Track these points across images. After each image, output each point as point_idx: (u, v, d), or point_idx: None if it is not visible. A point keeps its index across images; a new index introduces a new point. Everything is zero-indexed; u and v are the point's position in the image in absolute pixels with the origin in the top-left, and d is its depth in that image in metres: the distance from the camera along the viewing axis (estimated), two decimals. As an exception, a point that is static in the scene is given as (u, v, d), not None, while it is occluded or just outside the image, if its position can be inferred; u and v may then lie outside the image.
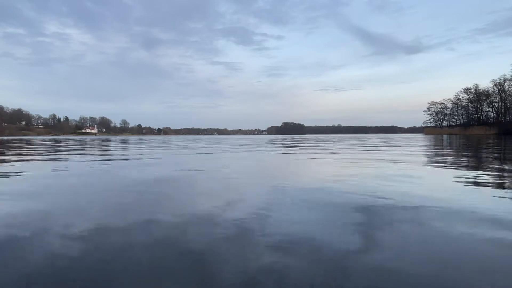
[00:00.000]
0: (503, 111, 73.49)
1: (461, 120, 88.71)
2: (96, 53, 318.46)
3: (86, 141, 30.27)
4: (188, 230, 2.06)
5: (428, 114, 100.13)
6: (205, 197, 3.13)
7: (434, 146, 14.64)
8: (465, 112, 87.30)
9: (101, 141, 29.30)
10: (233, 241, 1.85)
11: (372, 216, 2.33)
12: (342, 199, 2.94)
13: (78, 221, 2.27)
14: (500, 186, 3.68)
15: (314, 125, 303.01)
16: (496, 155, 8.71)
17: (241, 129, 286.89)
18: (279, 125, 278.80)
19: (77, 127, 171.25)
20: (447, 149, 11.92)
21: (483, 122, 76.72)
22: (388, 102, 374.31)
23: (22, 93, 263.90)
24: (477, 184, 3.76)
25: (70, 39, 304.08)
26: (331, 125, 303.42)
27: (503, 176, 4.46)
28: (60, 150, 13.47)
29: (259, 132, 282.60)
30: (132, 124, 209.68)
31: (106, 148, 15.38)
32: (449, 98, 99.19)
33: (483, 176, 4.43)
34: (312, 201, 2.84)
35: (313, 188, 3.51)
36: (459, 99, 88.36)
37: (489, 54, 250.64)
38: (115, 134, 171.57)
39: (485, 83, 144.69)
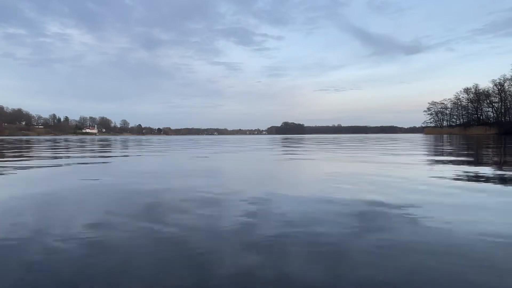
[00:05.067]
0: (503, 111, 73.36)
1: (461, 120, 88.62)
2: (96, 54, 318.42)
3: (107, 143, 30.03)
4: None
5: (428, 114, 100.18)
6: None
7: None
8: (465, 112, 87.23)
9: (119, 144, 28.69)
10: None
11: None
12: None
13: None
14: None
15: (314, 125, 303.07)
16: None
17: (241, 129, 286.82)
18: (279, 125, 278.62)
19: (77, 127, 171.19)
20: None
21: (483, 122, 76.58)
22: (388, 102, 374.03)
23: (23, 93, 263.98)
24: None
25: (71, 40, 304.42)
26: (331, 125, 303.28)
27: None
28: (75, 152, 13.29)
29: (259, 132, 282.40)
30: (132, 124, 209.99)
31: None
32: (449, 98, 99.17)
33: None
34: None
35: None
36: (459, 99, 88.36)
37: (488, 54, 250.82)
38: (115, 134, 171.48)
39: (485, 83, 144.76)
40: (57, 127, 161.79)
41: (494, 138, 29.11)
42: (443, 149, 11.87)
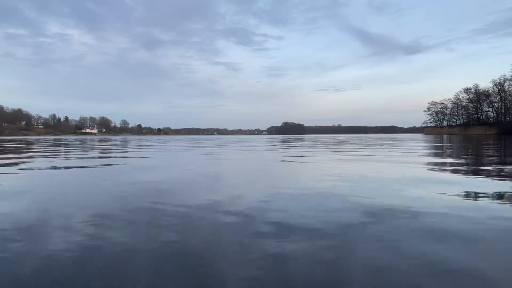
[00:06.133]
0: (503, 111, 73.43)
1: (461, 120, 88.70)
2: (97, 54, 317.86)
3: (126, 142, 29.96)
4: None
5: (428, 114, 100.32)
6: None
7: None
8: (465, 112, 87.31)
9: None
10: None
11: None
12: None
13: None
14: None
15: (314, 125, 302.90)
16: None
17: (241, 129, 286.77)
18: (279, 125, 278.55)
19: (77, 127, 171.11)
20: None
21: (483, 122, 76.64)
22: (388, 102, 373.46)
23: (23, 93, 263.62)
24: None
25: (71, 40, 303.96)
26: (331, 125, 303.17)
27: None
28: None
29: (259, 132, 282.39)
30: (132, 124, 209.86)
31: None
32: (449, 98, 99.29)
33: None
34: None
35: None
36: (459, 99, 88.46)
37: (488, 54, 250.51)
38: (115, 134, 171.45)
39: (485, 83, 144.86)
40: (57, 127, 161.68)
41: (494, 138, 29.16)
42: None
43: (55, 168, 6.23)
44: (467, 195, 3.30)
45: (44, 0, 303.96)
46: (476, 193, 3.38)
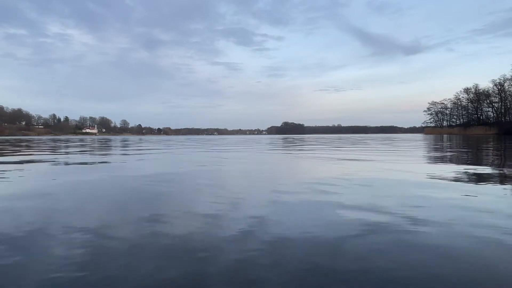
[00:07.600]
0: (503, 111, 73.44)
1: (461, 120, 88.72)
2: (97, 54, 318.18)
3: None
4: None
5: (428, 114, 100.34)
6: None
7: None
8: (465, 112, 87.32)
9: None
10: None
11: None
12: None
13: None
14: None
15: (314, 125, 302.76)
16: None
17: (241, 129, 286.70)
18: (279, 125, 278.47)
19: (77, 127, 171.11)
20: None
21: (483, 122, 76.65)
22: (388, 102, 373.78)
23: (23, 93, 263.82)
24: None
25: (71, 40, 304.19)
26: (331, 125, 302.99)
27: None
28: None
29: (259, 132, 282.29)
30: (132, 124, 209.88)
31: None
32: (449, 98, 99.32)
33: None
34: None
35: None
36: (459, 99, 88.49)
37: (488, 54, 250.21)
38: (115, 134, 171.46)
39: (485, 83, 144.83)
40: (57, 127, 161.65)
41: (494, 139, 29.16)
42: None
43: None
44: None
45: (45, 0, 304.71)
46: None
